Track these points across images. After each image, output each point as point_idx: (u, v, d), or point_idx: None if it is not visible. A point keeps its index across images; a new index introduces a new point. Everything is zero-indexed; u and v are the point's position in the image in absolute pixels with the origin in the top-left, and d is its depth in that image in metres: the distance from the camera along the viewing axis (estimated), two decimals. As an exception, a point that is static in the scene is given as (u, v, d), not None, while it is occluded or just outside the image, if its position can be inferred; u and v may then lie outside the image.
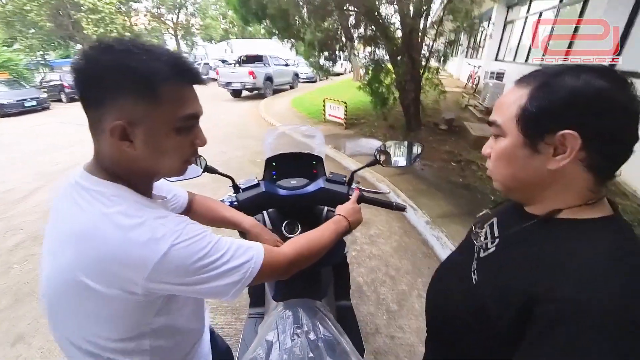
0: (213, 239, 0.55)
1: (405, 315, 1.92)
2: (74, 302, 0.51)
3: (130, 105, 0.48)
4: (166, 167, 0.56)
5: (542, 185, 0.51)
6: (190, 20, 31.96)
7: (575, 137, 0.44)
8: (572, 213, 0.49)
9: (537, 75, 0.49)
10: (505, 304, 0.48)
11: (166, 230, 0.49)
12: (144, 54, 0.47)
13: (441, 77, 5.96)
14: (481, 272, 0.58)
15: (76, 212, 0.50)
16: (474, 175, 3.66)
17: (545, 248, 0.49)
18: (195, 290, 0.53)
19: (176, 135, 0.53)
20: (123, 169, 0.53)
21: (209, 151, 5.05)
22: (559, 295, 0.41)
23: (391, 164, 0.99)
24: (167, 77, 0.49)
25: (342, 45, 5.58)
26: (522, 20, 7.62)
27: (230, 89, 10.96)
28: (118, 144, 0.49)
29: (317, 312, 0.95)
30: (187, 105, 0.53)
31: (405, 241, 2.67)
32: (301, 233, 1.04)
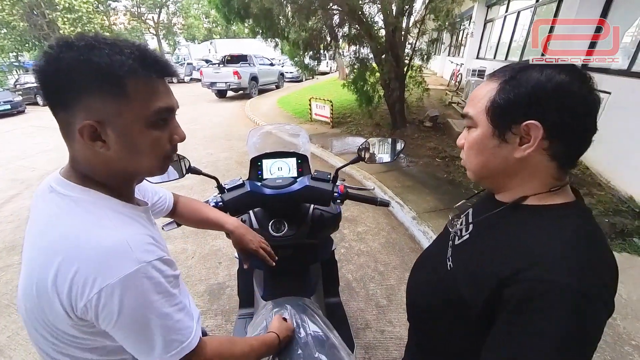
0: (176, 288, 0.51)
1: (395, 310, 1.95)
2: (47, 315, 0.47)
3: (98, 104, 0.45)
4: (145, 166, 0.53)
5: (510, 173, 0.54)
6: (172, 19, 31.24)
7: (537, 127, 0.47)
8: (537, 199, 0.53)
9: (506, 70, 0.52)
10: (478, 289, 0.51)
11: (133, 254, 0.46)
12: (106, 48, 0.45)
13: (425, 75, 6.07)
14: (455, 258, 0.61)
15: (50, 220, 0.48)
16: (458, 171, 3.75)
17: (513, 233, 0.52)
18: (127, 335, 0.48)
19: (151, 130, 0.50)
20: (100, 172, 0.51)
21: (195, 153, 4.95)
22: (527, 276, 0.44)
23: (375, 161, 1.01)
24: (133, 71, 0.46)
25: (327, 45, 5.59)
26: (501, 19, 7.83)
27: (214, 89, 10.81)
28: (90, 145, 0.47)
29: (306, 309, 0.96)
30: (159, 98, 0.50)
31: (393, 237, 2.72)
32: (288, 231, 1.05)
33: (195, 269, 2.34)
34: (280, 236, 1.05)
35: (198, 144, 5.54)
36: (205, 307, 1.99)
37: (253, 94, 11.03)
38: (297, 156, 1.14)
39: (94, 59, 0.44)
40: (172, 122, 0.54)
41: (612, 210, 2.75)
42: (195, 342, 0.52)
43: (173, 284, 0.51)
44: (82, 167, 0.51)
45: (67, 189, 0.50)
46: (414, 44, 5.23)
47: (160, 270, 0.49)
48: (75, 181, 0.50)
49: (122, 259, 0.45)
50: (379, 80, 5.36)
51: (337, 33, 5.45)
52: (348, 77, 6.13)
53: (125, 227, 0.49)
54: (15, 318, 1.96)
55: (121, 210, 0.52)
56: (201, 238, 2.67)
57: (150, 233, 0.52)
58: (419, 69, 5.79)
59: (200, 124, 7.12)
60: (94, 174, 0.51)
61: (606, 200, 2.93)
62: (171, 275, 0.51)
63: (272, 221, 1.07)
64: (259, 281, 1.23)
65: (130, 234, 0.48)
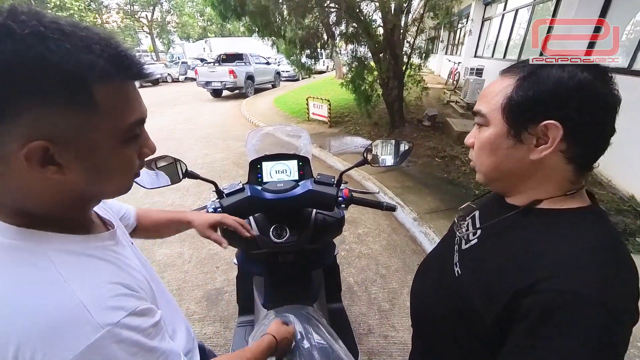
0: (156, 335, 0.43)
1: (398, 314, 1.93)
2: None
3: (52, 118, 0.34)
4: (110, 189, 0.44)
5: (523, 175, 0.52)
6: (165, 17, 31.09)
7: (557, 127, 0.45)
8: (552, 203, 0.51)
9: (524, 65, 0.50)
10: (491, 298, 0.49)
11: (92, 319, 0.36)
12: (66, 41, 0.33)
13: (423, 73, 6.07)
14: (464, 265, 0.59)
15: None
16: (458, 170, 3.74)
17: (528, 239, 0.50)
18: None
19: (123, 148, 0.41)
20: (43, 203, 0.39)
21: (190, 154, 4.90)
22: (546, 287, 0.42)
23: (379, 163, 0.99)
24: (104, 74, 0.35)
25: (324, 43, 5.57)
26: (499, 17, 7.86)
27: (210, 88, 10.72)
28: (38, 172, 0.35)
29: (310, 319, 0.94)
30: (135, 108, 0.41)
31: (394, 239, 2.70)
32: (290, 237, 1.02)
33: (192, 274, 2.31)
34: (282, 242, 1.02)
35: (193, 144, 5.49)
36: (203, 313, 1.95)
37: (249, 93, 10.97)
38: (298, 158, 1.11)
39: (51, 57, 0.32)
40: (142, 134, 0.45)
41: (613, 210, 2.75)
42: None
43: (152, 334, 0.42)
44: (16, 201, 0.38)
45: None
46: (412, 42, 5.22)
47: (133, 327, 0.39)
48: (5, 219, 0.38)
49: (77, 328, 0.35)
50: (377, 79, 5.35)
51: (334, 31, 5.43)
52: (346, 76, 6.11)
53: (81, 277, 0.38)
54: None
55: (75, 249, 0.41)
56: (198, 242, 2.63)
57: (117, 275, 0.42)
58: (417, 67, 5.79)
59: (196, 124, 7.06)
60: (28, 205, 0.39)
61: (607, 199, 2.94)
62: (149, 326, 0.41)
63: (274, 227, 1.04)
64: (259, 288, 1.20)
65: (86, 288, 0.37)
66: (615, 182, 3.20)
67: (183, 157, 0.94)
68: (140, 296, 0.43)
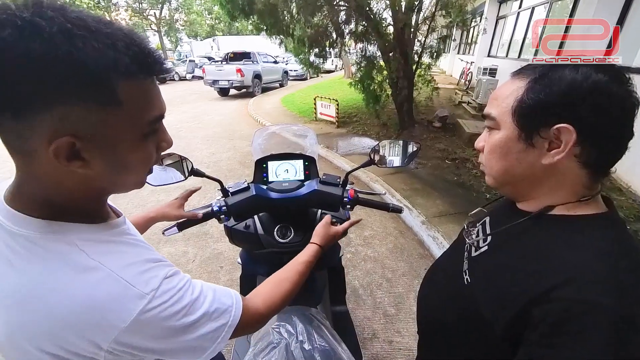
0: (195, 289, 0.48)
1: (403, 319, 1.92)
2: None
3: (79, 114, 0.35)
4: (129, 183, 0.47)
5: (535, 180, 0.51)
6: (174, 15, 31.53)
7: (570, 131, 0.44)
8: (565, 209, 0.50)
9: (535, 67, 0.49)
10: (501, 307, 0.48)
11: (136, 290, 0.40)
12: (91, 38, 0.34)
13: (433, 73, 6.05)
14: (473, 272, 0.58)
15: (5, 270, 0.39)
16: (469, 173, 3.71)
17: (541, 245, 0.49)
18: (168, 354, 0.46)
19: (143, 144, 0.43)
20: (64, 194, 0.42)
21: (197, 153, 4.97)
22: (560, 295, 0.41)
23: (386, 164, 0.99)
24: (129, 72, 0.37)
25: (333, 42, 5.58)
26: (514, 15, 7.76)
27: (217, 87, 10.84)
28: (65, 166, 0.37)
29: (313, 320, 0.94)
30: (155, 105, 0.43)
31: (401, 242, 2.69)
32: (294, 237, 1.03)
33: (197, 273, 2.33)
34: (286, 242, 1.03)
35: (200, 143, 5.56)
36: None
37: (256, 92, 11.05)
38: (304, 158, 1.12)
39: (78, 55, 0.33)
40: (161, 128, 0.47)
41: (633, 217, 2.69)
42: (237, 316, 0.51)
43: (190, 288, 0.47)
44: (37, 191, 0.41)
45: (21, 226, 0.39)
46: (423, 41, 5.20)
47: (171, 289, 0.44)
48: (30, 212, 0.40)
49: (126, 300, 0.39)
50: (387, 78, 5.34)
51: (344, 30, 5.43)
52: (354, 75, 6.11)
53: (111, 258, 0.42)
54: None
55: (99, 237, 0.44)
56: (202, 241, 2.66)
57: (141, 253, 0.46)
58: (428, 67, 5.75)
59: (202, 123, 7.15)
60: (54, 196, 0.41)
61: (627, 205, 2.87)
62: (184, 284, 0.46)
63: (278, 227, 1.05)
64: None
65: (121, 265, 0.41)
66: (635, 188, 3.12)
67: (189, 156, 0.95)
68: (167, 263, 0.48)
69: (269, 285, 0.64)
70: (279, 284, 0.64)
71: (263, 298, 0.60)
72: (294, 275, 0.68)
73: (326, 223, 0.88)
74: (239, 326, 0.51)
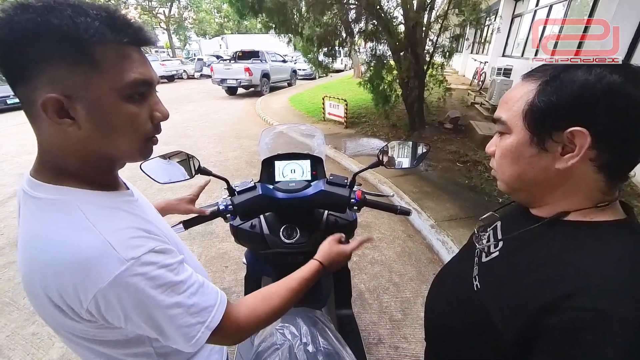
0: (181, 273, 0.50)
1: (410, 325, 1.91)
2: (52, 317, 0.48)
3: (63, 74, 0.42)
4: (124, 147, 0.49)
5: (549, 185, 0.51)
6: (183, 13, 32.00)
7: (584, 134, 0.43)
8: (581, 215, 0.49)
9: (546, 69, 0.48)
10: (511, 314, 0.47)
11: (116, 254, 0.44)
12: (68, 9, 0.40)
13: (446, 73, 5.98)
14: (483, 278, 0.58)
15: (24, 225, 0.47)
16: (481, 177, 3.66)
17: (554, 252, 0.48)
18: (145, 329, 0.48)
19: (126, 104, 0.46)
20: (72, 158, 0.48)
21: (204, 151, 5.03)
22: (575, 303, 0.41)
23: (395, 166, 0.99)
24: (101, 36, 0.42)
25: (342, 41, 5.59)
26: (530, 13, 7.65)
27: (225, 86, 10.96)
28: (58, 124, 0.43)
29: (317, 323, 0.94)
30: (133, 68, 0.46)
31: (409, 246, 2.67)
32: (300, 238, 1.04)
33: (201, 272, 2.36)
34: (292, 243, 1.03)
35: (207, 142, 5.63)
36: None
37: (264, 92, 11.13)
38: (311, 158, 1.13)
39: (53, 21, 0.39)
40: (151, 97, 0.50)
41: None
42: (217, 319, 0.51)
43: (177, 270, 0.49)
44: (52, 157, 0.48)
45: (38, 191, 0.47)
46: (435, 41, 5.16)
47: (154, 263, 0.46)
48: (46, 179, 0.48)
49: (105, 262, 0.43)
50: (397, 78, 5.31)
51: (353, 29, 5.43)
52: (364, 75, 6.10)
53: (106, 223, 0.46)
54: (15, 317, 2.01)
55: (101, 202, 0.49)
56: (208, 240, 2.69)
57: (138, 222, 0.50)
58: (440, 67, 5.70)
59: (210, 122, 7.23)
60: (66, 162, 0.48)
61: (647, 213, 2.79)
62: (170, 263, 0.48)
63: (284, 227, 1.05)
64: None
65: (111, 230, 0.45)
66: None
67: (196, 155, 0.97)
68: (160, 239, 0.50)
69: (258, 297, 0.61)
70: (268, 297, 0.62)
71: (247, 312, 0.57)
72: (284, 292, 0.63)
73: (332, 239, 0.83)
74: (217, 331, 0.51)
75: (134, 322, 0.47)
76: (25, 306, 2.08)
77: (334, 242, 0.82)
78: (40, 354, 1.76)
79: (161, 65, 15.84)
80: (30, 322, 1.96)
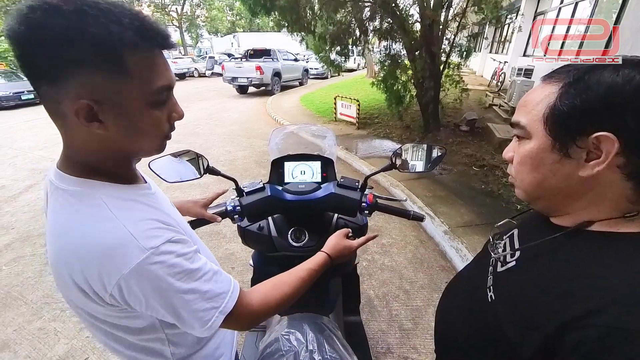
0: (196, 262, 0.53)
1: (420, 335, 1.88)
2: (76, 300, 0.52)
3: (94, 81, 0.44)
4: (145, 147, 0.54)
5: (572, 194, 0.49)
6: (195, 11, 32.60)
7: (611, 140, 0.42)
8: (606, 226, 0.47)
9: (569, 70, 0.47)
10: (529, 329, 0.46)
11: (137, 244, 0.48)
12: (101, 16, 0.41)
13: (462, 73, 5.90)
14: (498, 289, 0.56)
15: (51, 215, 0.51)
16: (498, 182, 3.59)
17: (576, 264, 0.46)
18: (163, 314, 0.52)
19: (151, 110, 0.50)
20: (97, 155, 0.51)
21: (213, 150, 5.10)
22: (599, 321, 0.39)
23: (408, 169, 0.98)
24: (133, 44, 0.44)
25: (356, 39, 5.58)
26: (554, 11, 7.47)
27: (236, 84, 11.09)
28: (86, 127, 0.46)
29: (324, 330, 0.94)
30: (160, 75, 0.49)
31: (421, 252, 2.64)
32: (308, 241, 1.04)
33: (207, 273, 2.39)
34: (300, 246, 1.03)
35: (217, 140, 5.71)
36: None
37: (275, 91, 11.22)
38: (321, 160, 1.12)
39: (89, 29, 0.41)
40: (170, 99, 0.53)
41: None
42: (231, 304, 0.55)
43: (192, 259, 0.53)
44: (77, 153, 0.51)
45: (63, 183, 0.51)
46: (452, 39, 5.10)
47: (171, 252, 0.50)
48: (72, 172, 0.51)
49: (127, 250, 0.47)
50: (411, 78, 5.27)
51: (368, 27, 5.42)
52: (377, 74, 6.08)
53: (127, 214, 0.50)
54: (23, 311, 2.08)
55: (122, 195, 0.52)
56: (215, 241, 2.72)
57: (156, 214, 0.53)
58: (457, 66, 5.63)
59: (220, 120, 7.33)
60: (90, 158, 0.52)
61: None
62: (186, 252, 0.52)
63: (292, 229, 1.05)
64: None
65: (132, 221, 0.49)
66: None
67: (205, 154, 0.98)
68: (176, 230, 0.54)
69: (269, 285, 0.66)
70: (278, 286, 0.66)
71: (259, 297, 0.62)
72: (294, 281, 0.68)
73: (340, 234, 0.86)
74: (231, 316, 0.55)
75: (153, 307, 0.51)
76: (32, 301, 2.15)
77: (341, 236, 0.86)
78: (46, 349, 1.81)
79: (173, 63, 16.19)
80: (37, 317, 2.02)
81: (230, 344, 0.78)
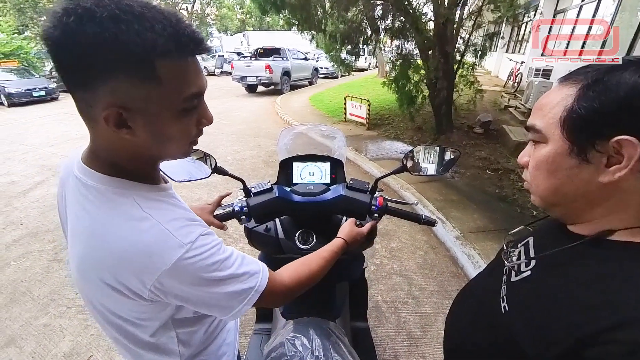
0: (226, 251, 0.57)
1: (429, 343, 1.86)
2: (98, 297, 0.54)
3: (125, 88, 0.44)
4: (172, 152, 0.55)
5: (591, 201, 0.47)
6: (205, 9, 33.01)
7: (634, 144, 0.40)
8: (629, 235, 0.45)
9: (587, 71, 0.45)
10: (544, 344, 0.45)
11: (177, 240, 0.50)
12: (135, 22, 0.41)
13: (477, 74, 5.83)
14: (512, 299, 0.55)
15: (80, 212, 0.52)
16: (513, 186, 3.53)
17: (596, 276, 0.45)
18: (201, 305, 0.56)
19: (181, 117, 0.50)
20: (124, 157, 0.53)
21: (221, 150, 5.15)
22: (621, 337, 0.38)
23: (420, 172, 0.97)
24: (166, 52, 0.43)
25: (367, 38, 5.57)
26: (575, 9, 7.32)
27: (245, 83, 11.18)
28: (115, 132, 0.47)
29: (330, 335, 0.93)
30: (192, 82, 0.48)
31: (431, 257, 2.61)
32: (316, 244, 1.03)
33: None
34: (308, 249, 1.03)
35: (225, 140, 5.76)
36: (220, 316, 2.02)
37: (284, 90, 11.28)
38: (330, 161, 1.12)
39: (121, 37, 0.40)
40: (200, 105, 0.53)
41: None
42: (264, 282, 0.60)
43: (222, 249, 0.56)
44: (104, 153, 0.53)
45: (92, 179, 0.52)
46: (467, 39, 5.04)
47: (205, 244, 0.53)
48: (99, 169, 0.52)
49: (167, 247, 0.49)
50: (424, 78, 5.23)
51: (379, 26, 5.40)
52: (388, 74, 6.05)
53: (159, 213, 0.52)
54: (30, 307, 2.13)
55: (150, 195, 0.55)
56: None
57: (182, 212, 0.56)
58: (471, 67, 5.56)
59: (228, 120, 7.40)
60: (117, 159, 0.53)
61: None
62: (216, 243, 0.55)
63: (300, 231, 1.05)
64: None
65: (166, 219, 0.52)
66: None
67: (213, 153, 0.99)
68: (203, 224, 0.57)
69: (296, 264, 0.73)
70: (306, 263, 0.74)
71: (289, 273, 0.68)
72: (319, 260, 0.76)
73: (351, 221, 0.96)
74: (265, 292, 0.60)
75: (193, 300, 0.54)
76: (39, 297, 2.20)
77: (352, 223, 0.96)
78: (52, 345, 1.85)
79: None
80: (44, 314, 2.07)
81: (232, 344, 0.80)
